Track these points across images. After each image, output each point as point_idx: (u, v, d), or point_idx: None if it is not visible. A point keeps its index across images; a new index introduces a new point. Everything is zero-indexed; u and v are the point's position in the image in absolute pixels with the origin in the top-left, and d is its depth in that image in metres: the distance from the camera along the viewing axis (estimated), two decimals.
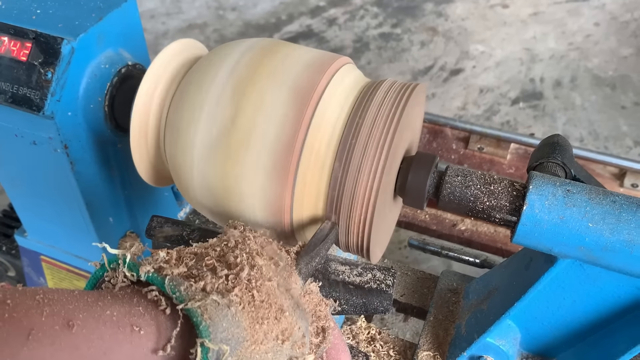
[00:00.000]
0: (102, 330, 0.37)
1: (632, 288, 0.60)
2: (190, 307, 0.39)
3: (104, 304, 0.38)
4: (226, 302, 0.41)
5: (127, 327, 0.38)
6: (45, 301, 0.36)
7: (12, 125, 0.68)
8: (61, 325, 0.35)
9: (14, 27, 0.66)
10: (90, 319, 0.37)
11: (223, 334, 0.39)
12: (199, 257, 0.46)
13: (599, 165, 1.19)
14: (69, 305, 0.36)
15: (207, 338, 0.38)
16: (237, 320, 0.41)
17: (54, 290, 0.38)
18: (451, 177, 0.61)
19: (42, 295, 0.36)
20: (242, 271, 0.44)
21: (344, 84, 0.59)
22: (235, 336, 0.40)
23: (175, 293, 0.40)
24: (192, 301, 0.40)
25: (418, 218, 1.13)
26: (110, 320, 0.37)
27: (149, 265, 0.42)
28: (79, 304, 0.37)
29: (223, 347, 0.39)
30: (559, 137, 0.65)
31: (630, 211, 0.54)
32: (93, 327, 0.36)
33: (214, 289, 0.42)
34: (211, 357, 0.38)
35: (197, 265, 0.44)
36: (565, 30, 2.30)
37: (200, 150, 0.58)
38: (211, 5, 2.40)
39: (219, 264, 0.45)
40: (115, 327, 0.37)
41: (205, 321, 0.39)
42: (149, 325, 0.39)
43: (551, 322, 0.67)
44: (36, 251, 0.88)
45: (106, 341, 0.36)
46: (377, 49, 2.23)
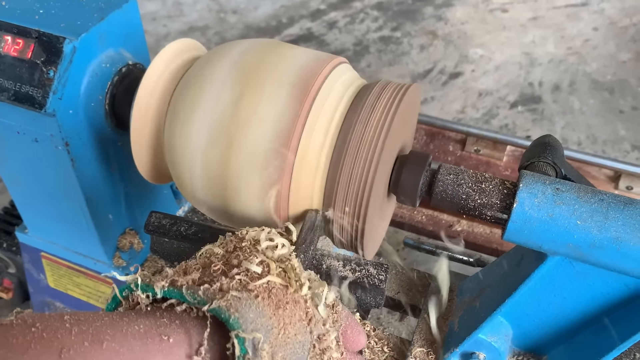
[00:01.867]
0: (132, 343, 0.37)
1: (621, 285, 0.61)
2: (215, 307, 0.40)
3: (129, 320, 0.39)
4: (246, 297, 0.42)
5: (156, 337, 0.39)
6: (72, 322, 0.37)
7: (15, 123, 0.70)
8: (91, 341, 0.36)
9: (17, 26, 0.67)
10: (119, 333, 0.37)
11: (252, 325, 0.40)
12: (204, 267, 0.47)
13: (595, 167, 1.21)
14: (95, 323, 0.37)
15: (239, 329, 0.39)
16: (260, 310, 0.42)
17: (80, 313, 0.38)
18: (443, 176, 0.62)
19: (69, 317, 0.37)
20: (251, 268, 0.45)
21: (341, 82, 0.61)
22: (264, 325, 0.41)
23: (196, 298, 0.41)
24: (215, 300, 0.40)
25: (415, 219, 1.14)
26: (138, 332, 0.38)
27: (162, 281, 0.42)
28: (105, 322, 0.38)
29: (257, 335, 0.40)
30: (550, 137, 0.66)
31: (618, 209, 0.56)
32: (122, 340, 0.37)
33: (230, 287, 0.43)
34: (248, 346, 0.39)
35: (205, 273, 0.45)
36: (564, 35, 2.31)
37: (199, 144, 0.59)
38: (212, 8, 2.42)
39: (226, 267, 0.46)
40: (144, 339, 0.38)
41: (233, 314, 0.39)
42: (178, 333, 0.40)
43: (542, 318, 0.68)
44: (36, 248, 0.89)
45: (137, 352, 0.37)
46: (377, 52, 2.24)
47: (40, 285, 0.94)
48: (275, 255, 0.48)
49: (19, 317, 0.36)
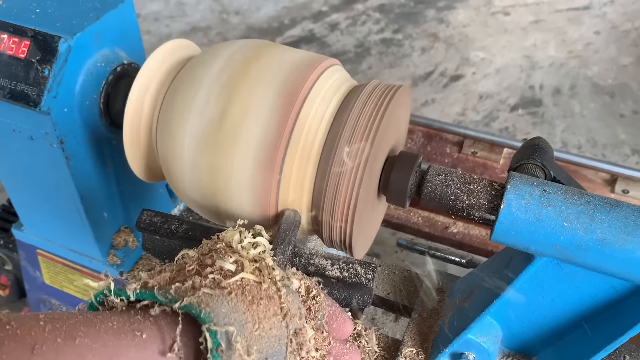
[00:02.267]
0: (105, 339, 0.38)
1: (608, 286, 0.61)
2: (186, 303, 0.40)
3: (103, 317, 0.40)
4: (218, 293, 0.43)
5: (129, 333, 0.39)
6: (46, 320, 0.37)
7: (10, 121, 0.71)
8: (64, 338, 0.36)
9: (14, 25, 0.68)
10: (92, 330, 0.38)
11: (225, 319, 0.41)
12: (179, 269, 0.47)
13: (591, 171, 1.21)
14: (69, 321, 0.38)
15: (210, 322, 0.40)
16: (233, 306, 0.42)
17: (55, 313, 0.39)
18: (432, 176, 0.62)
19: (43, 316, 0.38)
20: (224, 266, 0.46)
21: (331, 84, 0.61)
22: (237, 320, 0.42)
23: (167, 297, 0.41)
24: (187, 297, 0.41)
25: (411, 220, 1.15)
26: (112, 329, 0.39)
27: (134, 284, 0.43)
28: (78, 319, 0.38)
29: (229, 329, 0.40)
30: (539, 139, 0.67)
31: (604, 211, 0.56)
32: (95, 336, 0.38)
33: (202, 285, 0.43)
34: (221, 339, 0.39)
35: (179, 275, 0.46)
36: (566, 39, 2.31)
37: (190, 146, 0.60)
38: (215, 9, 2.43)
39: (201, 268, 0.46)
40: (117, 334, 0.39)
41: (204, 309, 0.40)
42: (151, 330, 0.40)
43: (531, 320, 0.69)
44: (32, 245, 0.90)
45: (110, 347, 0.38)
46: (378, 54, 2.25)
47: (36, 283, 0.95)
48: (250, 254, 0.48)
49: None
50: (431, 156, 1.27)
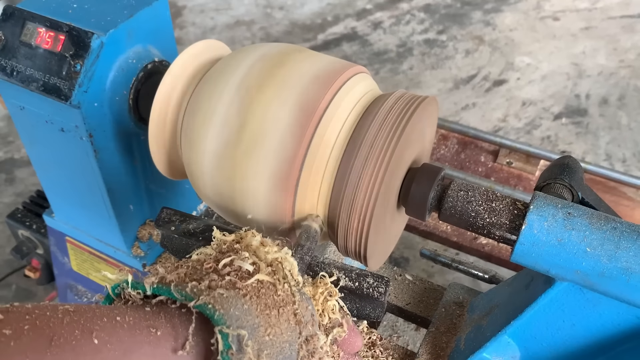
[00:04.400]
0: (120, 334, 0.39)
1: (632, 317, 0.59)
2: (200, 303, 0.41)
3: (119, 312, 0.40)
4: (233, 295, 0.43)
5: (144, 329, 0.40)
6: (64, 312, 0.38)
7: (44, 112, 0.72)
8: (81, 330, 0.37)
9: (50, 19, 0.69)
10: (108, 324, 0.39)
11: (238, 322, 0.41)
12: (195, 264, 0.47)
13: (631, 188, 1.16)
14: (87, 314, 0.39)
15: (224, 325, 0.40)
16: (247, 309, 0.43)
17: (73, 305, 0.40)
18: (454, 191, 0.61)
19: (62, 308, 0.39)
20: (243, 266, 0.46)
21: (353, 94, 0.60)
22: (249, 323, 0.42)
23: (183, 295, 0.42)
24: (202, 297, 0.41)
25: (439, 229, 1.13)
26: (127, 324, 0.39)
27: (152, 278, 0.44)
28: (96, 313, 0.39)
29: (241, 332, 0.40)
30: (570, 158, 0.65)
31: (631, 239, 0.54)
32: (111, 331, 0.38)
33: (218, 285, 0.43)
34: (232, 342, 0.40)
35: (196, 272, 0.46)
36: (617, 47, 2.23)
37: (210, 157, 0.60)
38: (260, 3, 2.44)
39: (218, 265, 0.46)
40: (133, 330, 0.39)
41: (218, 311, 0.40)
42: (165, 327, 0.41)
43: (550, 343, 0.67)
44: (62, 232, 0.92)
45: (125, 343, 0.38)
46: (420, 54, 2.22)
47: (65, 268, 0.98)
48: (268, 258, 0.48)
49: (14, 306, 0.37)
50: (464, 164, 1.24)
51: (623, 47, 2.23)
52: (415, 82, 2.11)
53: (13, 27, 0.70)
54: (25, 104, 0.73)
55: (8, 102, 0.75)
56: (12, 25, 0.70)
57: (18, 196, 1.67)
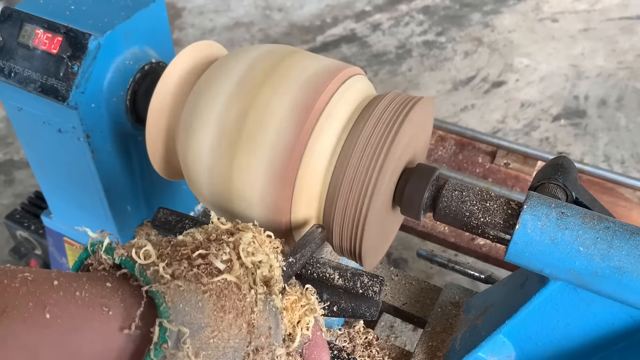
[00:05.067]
0: (73, 310, 0.39)
1: (626, 316, 0.59)
2: (153, 290, 0.41)
3: (77, 285, 0.41)
4: (192, 289, 0.43)
5: (97, 307, 0.40)
6: (22, 281, 0.38)
7: (41, 113, 0.73)
8: (34, 303, 0.37)
9: (48, 21, 0.70)
10: (63, 299, 0.39)
11: (185, 318, 0.41)
12: (175, 247, 0.47)
13: (628, 189, 1.17)
14: (44, 285, 0.39)
15: (166, 318, 0.40)
16: (200, 307, 0.43)
17: (34, 270, 0.40)
18: (448, 191, 0.61)
19: (21, 275, 0.39)
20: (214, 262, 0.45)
21: (349, 95, 0.61)
22: (197, 321, 0.42)
23: (142, 276, 0.42)
24: (157, 284, 0.42)
25: (437, 229, 1.13)
26: (82, 300, 0.40)
27: (123, 250, 0.44)
28: (53, 285, 0.39)
29: (182, 329, 0.40)
30: (564, 159, 0.65)
31: (623, 238, 0.54)
32: (64, 306, 0.39)
33: (182, 275, 0.43)
34: (169, 337, 0.40)
35: (172, 254, 0.46)
36: (616, 48, 2.23)
37: (207, 154, 0.61)
38: (259, 5, 2.45)
39: (194, 254, 0.46)
40: (86, 307, 0.40)
41: (166, 303, 0.41)
42: (118, 306, 0.41)
43: (545, 343, 0.67)
44: (60, 232, 0.93)
45: (76, 319, 0.39)
46: (419, 56, 2.22)
47: (63, 269, 0.98)
48: (248, 260, 0.48)
49: None
50: (462, 165, 1.25)
51: (622, 49, 2.23)
52: (414, 83, 2.12)
53: (11, 28, 0.71)
54: (23, 105, 0.74)
55: (6, 103, 0.76)
56: (10, 27, 0.71)
57: (17, 197, 1.68)
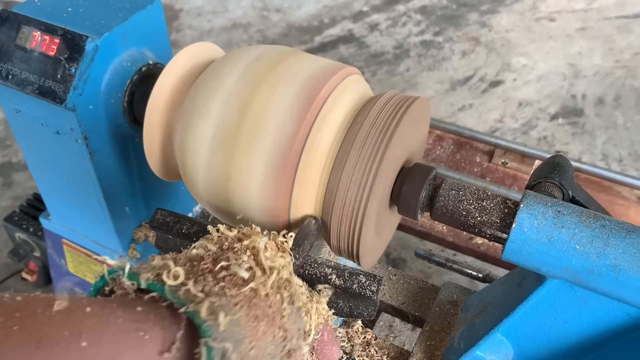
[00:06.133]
0: (109, 336, 0.38)
1: (623, 313, 0.60)
2: (191, 310, 0.41)
3: (110, 311, 0.40)
4: (224, 303, 0.42)
5: (133, 332, 0.39)
6: (57, 310, 0.38)
7: (39, 115, 0.73)
8: (70, 332, 0.37)
9: (45, 23, 0.70)
10: (98, 325, 0.38)
11: (224, 333, 0.41)
12: (192, 262, 0.47)
13: (626, 187, 1.17)
14: (77, 312, 0.38)
15: (209, 337, 0.40)
16: (236, 320, 0.42)
17: (65, 298, 0.39)
18: (445, 190, 0.62)
19: (54, 303, 0.38)
20: (239, 272, 0.46)
21: (345, 96, 0.61)
22: (235, 334, 0.42)
23: (175, 297, 0.42)
24: (192, 304, 0.41)
25: (435, 229, 1.13)
26: (116, 325, 0.39)
27: (148, 273, 0.43)
28: (86, 312, 0.39)
29: (226, 345, 0.40)
30: (560, 157, 0.65)
31: (619, 236, 0.54)
32: (100, 333, 0.38)
33: (211, 291, 0.43)
34: (216, 355, 0.40)
35: (192, 270, 0.46)
36: (613, 47, 2.24)
37: (205, 150, 0.61)
38: (256, 6, 2.45)
39: (215, 267, 0.46)
40: (121, 333, 0.39)
41: (207, 322, 0.40)
42: (153, 330, 0.40)
43: (543, 341, 0.67)
44: (58, 234, 0.93)
45: (113, 346, 0.38)
46: (417, 56, 2.23)
47: (61, 271, 0.98)
48: (267, 265, 0.48)
49: (3, 299, 0.37)
50: (460, 164, 1.25)
51: (619, 47, 2.24)
52: (412, 83, 2.12)
53: (8, 30, 0.71)
54: (20, 107, 0.74)
55: (4, 105, 0.76)
56: (7, 29, 0.71)
57: (16, 200, 1.68)
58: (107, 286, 0.45)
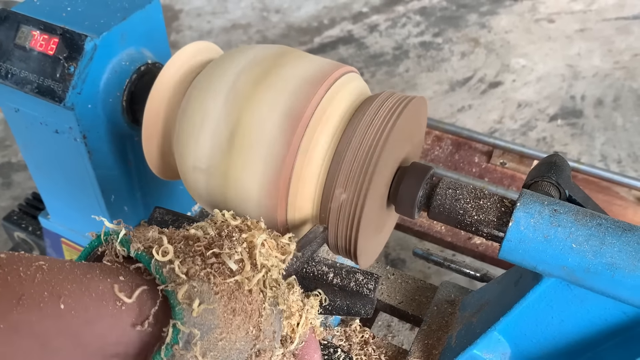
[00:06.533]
0: (87, 302, 0.39)
1: (619, 312, 0.60)
2: (169, 289, 0.42)
3: (92, 277, 0.41)
4: (204, 290, 0.43)
5: (111, 301, 0.40)
6: (37, 268, 0.38)
7: (38, 114, 0.73)
8: (50, 293, 0.37)
9: (44, 22, 0.70)
10: (77, 290, 0.39)
11: (196, 319, 0.41)
12: (188, 240, 0.48)
13: (624, 188, 1.17)
14: (59, 275, 0.39)
15: (179, 320, 0.40)
16: (212, 309, 0.43)
17: (48, 259, 0.40)
18: (442, 189, 0.62)
19: (36, 263, 0.39)
20: (227, 262, 0.46)
21: (341, 95, 0.61)
22: (208, 322, 0.42)
23: (158, 273, 0.43)
24: (172, 284, 0.42)
25: (433, 229, 1.14)
26: (96, 292, 0.40)
27: (139, 244, 0.44)
28: (68, 275, 0.40)
29: (194, 331, 0.41)
30: (557, 157, 0.65)
31: (615, 235, 0.54)
32: (79, 298, 0.39)
33: (196, 274, 0.44)
34: (181, 338, 0.40)
35: (185, 249, 0.46)
36: (612, 48, 2.24)
37: (202, 163, 0.61)
38: (256, 7, 2.45)
39: (207, 251, 0.46)
40: (100, 300, 0.40)
41: (181, 304, 0.41)
42: (132, 302, 0.41)
43: (540, 340, 0.67)
44: (57, 233, 0.93)
45: (89, 312, 0.39)
46: (416, 57, 2.23)
47: None
48: (259, 261, 0.48)
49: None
50: (459, 165, 1.25)
51: (618, 49, 2.24)
52: (411, 84, 2.12)
53: (7, 30, 0.71)
54: (19, 106, 0.74)
55: (3, 105, 0.76)
56: (6, 29, 0.71)
57: (15, 200, 1.68)
58: (101, 247, 0.46)
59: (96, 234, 0.46)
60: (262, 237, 0.50)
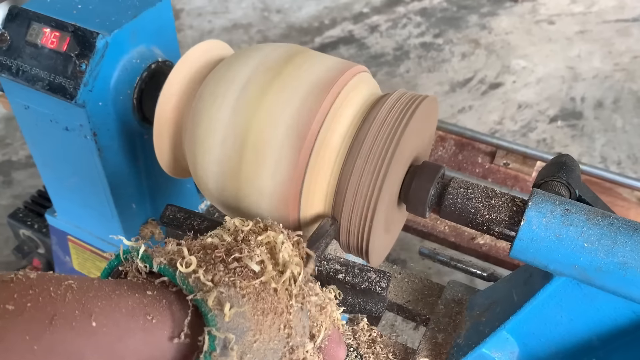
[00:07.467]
0: (118, 318, 0.39)
1: (629, 311, 0.60)
2: (198, 298, 0.42)
3: (120, 293, 0.41)
4: (232, 294, 0.43)
5: (141, 316, 0.40)
6: (67, 287, 0.38)
7: (48, 111, 0.73)
8: (81, 311, 0.38)
9: (56, 19, 0.70)
10: (107, 307, 0.39)
11: (229, 324, 0.41)
12: (206, 249, 0.48)
13: (626, 189, 1.18)
14: (88, 293, 0.39)
15: (213, 327, 0.40)
16: (242, 312, 0.43)
17: (77, 278, 0.40)
18: (454, 189, 0.62)
19: (65, 283, 0.39)
20: (250, 265, 0.46)
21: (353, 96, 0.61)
22: (240, 326, 0.42)
23: (184, 284, 0.43)
24: (201, 292, 0.42)
25: (437, 229, 1.14)
26: (126, 308, 0.40)
27: (161, 257, 0.44)
28: (97, 293, 0.40)
29: (229, 336, 0.41)
30: (567, 157, 0.66)
31: (627, 234, 0.55)
32: (109, 314, 0.39)
33: (221, 280, 0.44)
34: (218, 344, 0.40)
35: (205, 258, 0.47)
36: (612, 50, 2.25)
37: (214, 166, 0.61)
38: (257, 7, 2.46)
39: (228, 257, 0.47)
40: (130, 315, 0.40)
41: (212, 311, 0.41)
42: (162, 315, 0.41)
43: (549, 339, 0.68)
44: (64, 231, 0.93)
45: (121, 328, 0.39)
46: (417, 58, 2.23)
47: (66, 267, 0.98)
48: (280, 259, 0.49)
49: (19, 275, 0.38)
50: (462, 165, 1.26)
51: (618, 51, 2.25)
52: (412, 85, 2.13)
53: (18, 27, 0.71)
54: (30, 103, 0.74)
55: (13, 102, 0.76)
56: (17, 26, 0.71)
57: (16, 198, 1.68)
58: (121, 266, 0.46)
59: (115, 254, 0.46)
60: (280, 237, 0.51)
